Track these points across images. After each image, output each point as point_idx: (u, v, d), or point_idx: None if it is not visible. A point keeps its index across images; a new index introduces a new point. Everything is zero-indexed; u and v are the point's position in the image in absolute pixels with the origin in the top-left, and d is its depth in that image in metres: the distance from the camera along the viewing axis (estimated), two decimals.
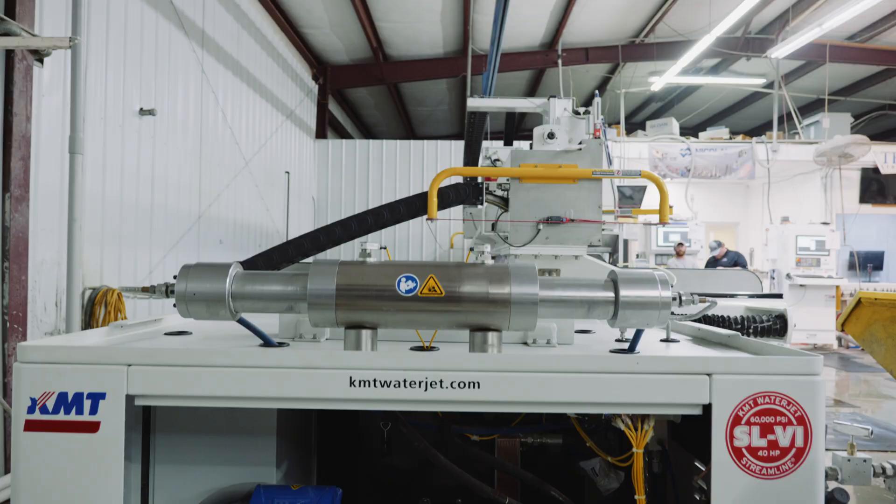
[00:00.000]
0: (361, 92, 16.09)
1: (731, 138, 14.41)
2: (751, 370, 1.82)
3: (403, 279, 1.95)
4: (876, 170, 13.60)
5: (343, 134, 16.37)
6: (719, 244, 11.89)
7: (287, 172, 11.50)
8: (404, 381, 1.80)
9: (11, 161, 4.62)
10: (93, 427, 1.80)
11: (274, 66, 10.88)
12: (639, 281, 2.02)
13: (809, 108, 15.89)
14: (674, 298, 2.01)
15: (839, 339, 12.83)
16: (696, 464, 2.27)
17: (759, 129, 17.71)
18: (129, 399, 1.82)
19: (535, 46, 13.72)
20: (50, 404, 1.80)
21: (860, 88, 15.56)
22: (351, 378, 1.80)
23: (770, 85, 14.86)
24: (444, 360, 1.82)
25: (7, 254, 4.64)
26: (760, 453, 1.81)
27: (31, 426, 1.80)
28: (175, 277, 2.02)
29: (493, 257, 2.06)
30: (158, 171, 6.86)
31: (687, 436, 2.42)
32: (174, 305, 2.04)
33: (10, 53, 4.65)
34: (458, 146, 13.09)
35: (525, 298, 1.98)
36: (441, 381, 1.80)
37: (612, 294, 2.02)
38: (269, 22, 10.58)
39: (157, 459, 2.53)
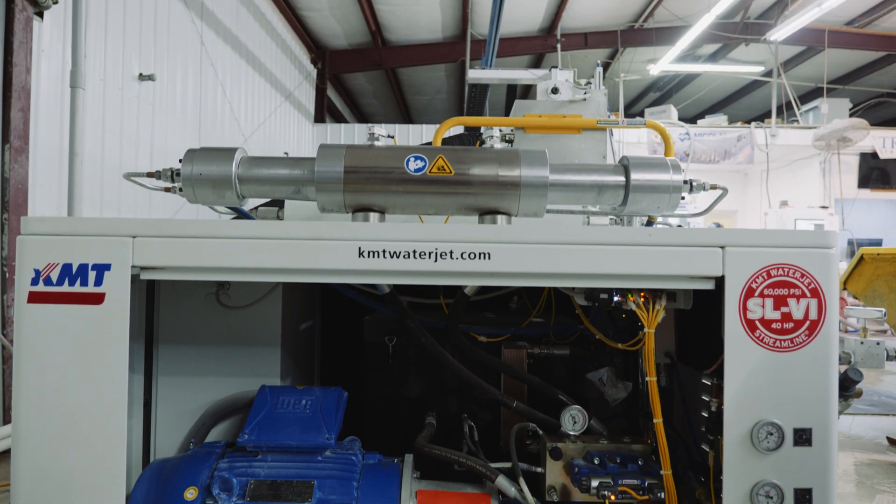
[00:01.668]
0: (360, 79, 16.08)
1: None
2: (764, 242, 1.80)
3: (412, 159, 1.93)
4: (875, 155, 13.61)
5: (341, 122, 16.34)
6: (718, 226, 11.92)
7: (286, 153, 11.45)
8: (414, 251, 1.77)
9: (11, 112, 4.59)
10: (97, 298, 1.77)
11: (273, 45, 10.86)
12: (650, 165, 2.00)
13: (808, 97, 15.91)
14: (685, 182, 1.99)
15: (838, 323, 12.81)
16: (704, 381, 2.25)
17: (757, 119, 17.74)
18: (135, 270, 1.79)
19: (533, 31, 13.72)
20: (54, 276, 1.77)
21: (858, 76, 15.59)
22: (360, 249, 1.77)
23: (769, 73, 14.87)
24: (455, 230, 1.80)
25: (6, 205, 4.61)
26: (774, 326, 1.79)
27: (34, 298, 1.77)
28: (180, 161, 2.00)
29: None
30: (158, 139, 6.83)
31: (695, 353, 2.40)
32: (180, 190, 2.02)
33: (10, 4, 4.62)
34: (457, 130, 13.09)
35: (535, 181, 1.96)
36: (451, 252, 1.77)
37: (622, 178, 2.00)
38: (267, 1, 10.56)
39: (161, 371, 2.51)
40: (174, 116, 7.20)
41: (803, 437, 1.78)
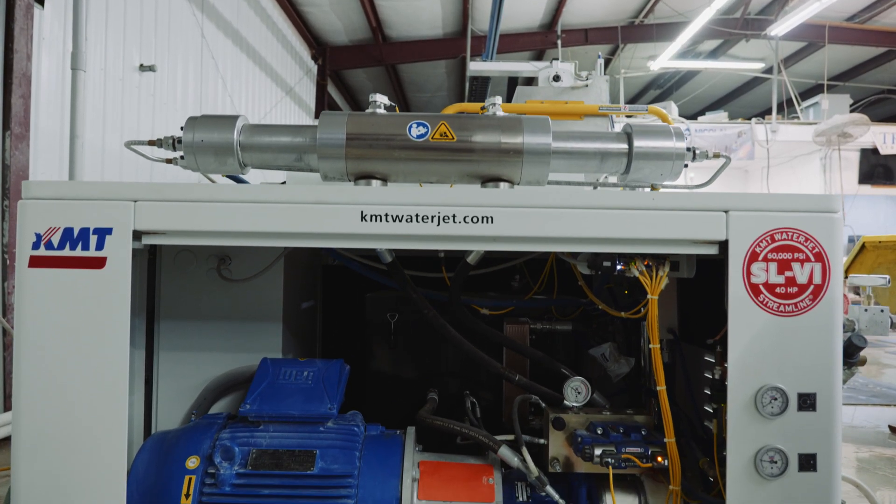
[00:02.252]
0: (361, 76, 16.07)
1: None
2: (768, 207, 1.80)
3: (414, 125, 1.92)
4: (875, 151, 13.60)
5: None
6: None
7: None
8: (416, 215, 1.76)
9: (12, 98, 4.59)
10: (99, 263, 1.76)
11: (273, 40, 10.86)
12: (654, 132, 2.00)
13: (808, 94, 15.90)
14: (688, 149, 1.99)
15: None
16: (707, 357, 2.25)
17: (757, 117, 17.74)
18: (136, 235, 1.79)
19: (534, 27, 13.72)
20: (55, 240, 1.76)
21: (859, 73, 15.59)
22: (362, 213, 1.76)
23: (769, 70, 14.86)
24: (457, 194, 1.79)
25: (7, 192, 4.61)
26: (778, 290, 1.78)
27: (35, 262, 1.76)
28: (182, 129, 1.99)
29: None
30: (158, 130, 6.82)
31: (697, 330, 2.38)
32: (181, 158, 2.01)
33: None
34: None
35: (538, 148, 1.95)
36: (454, 216, 1.76)
37: (625, 146, 1.99)
38: None
39: (162, 346, 2.50)
40: (175, 108, 7.20)
41: (807, 402, 1.77)
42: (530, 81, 15.51)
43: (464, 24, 12.78)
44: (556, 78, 4.94)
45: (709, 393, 1.98)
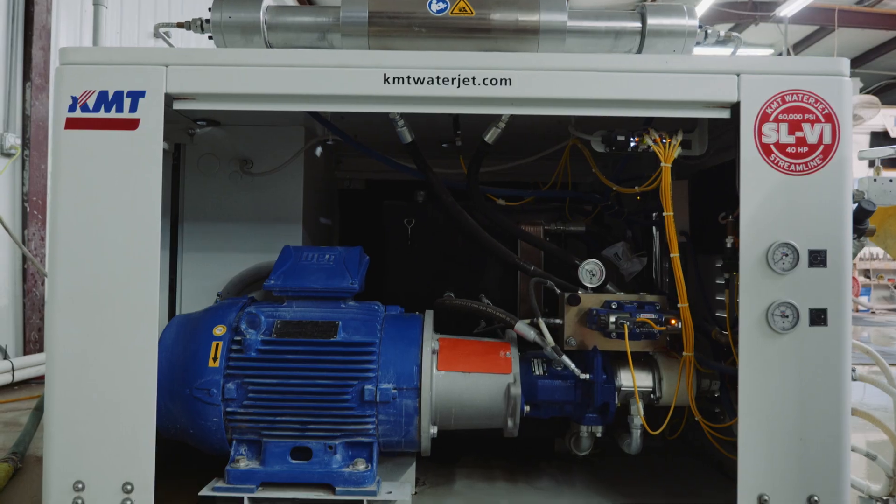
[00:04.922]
0: None
1: None
2: (778, 69, 1.85)
3: (434, 1, 1.98)
4: (885, 134, 13.54)
5: None
6: None
7: None
8: (437, 77, 1.82)
9: (32, 49, 4.68)
10: (132, 124, 1.83)
11: None
12: (667, 10, 2.06)
13: None
14: (700, 27, 2.04)
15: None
16: (718, 265, 2.29)
17: None
18: (168, 100, 1.86)
19: None
20: (91, 102, 1.83)
21: (869, 59, 15.54)
22: (385, 75, 1.83)
23: (779, 56, 14.85)
24: (477, 57, 1.85)
25: (28, 142, 4.69)
26: (789, 150, 1.83)
27: (71, 124, 1.83)
28: (210, 10, 2.06)
29: None
30: None
31: (707, 243, 2.41)
32: (210, 38, 2.08)
33: None
34: None
35: (554, 26, 2.01)
36: (473, 79, 1.82)
37: (639, 24, 2.05)
38: None
39: (186, 248, 2.58)
40: None
41: (818, 258, 1.81)
42: None
43: None
44: None
45: (721, 256, 2.01)
